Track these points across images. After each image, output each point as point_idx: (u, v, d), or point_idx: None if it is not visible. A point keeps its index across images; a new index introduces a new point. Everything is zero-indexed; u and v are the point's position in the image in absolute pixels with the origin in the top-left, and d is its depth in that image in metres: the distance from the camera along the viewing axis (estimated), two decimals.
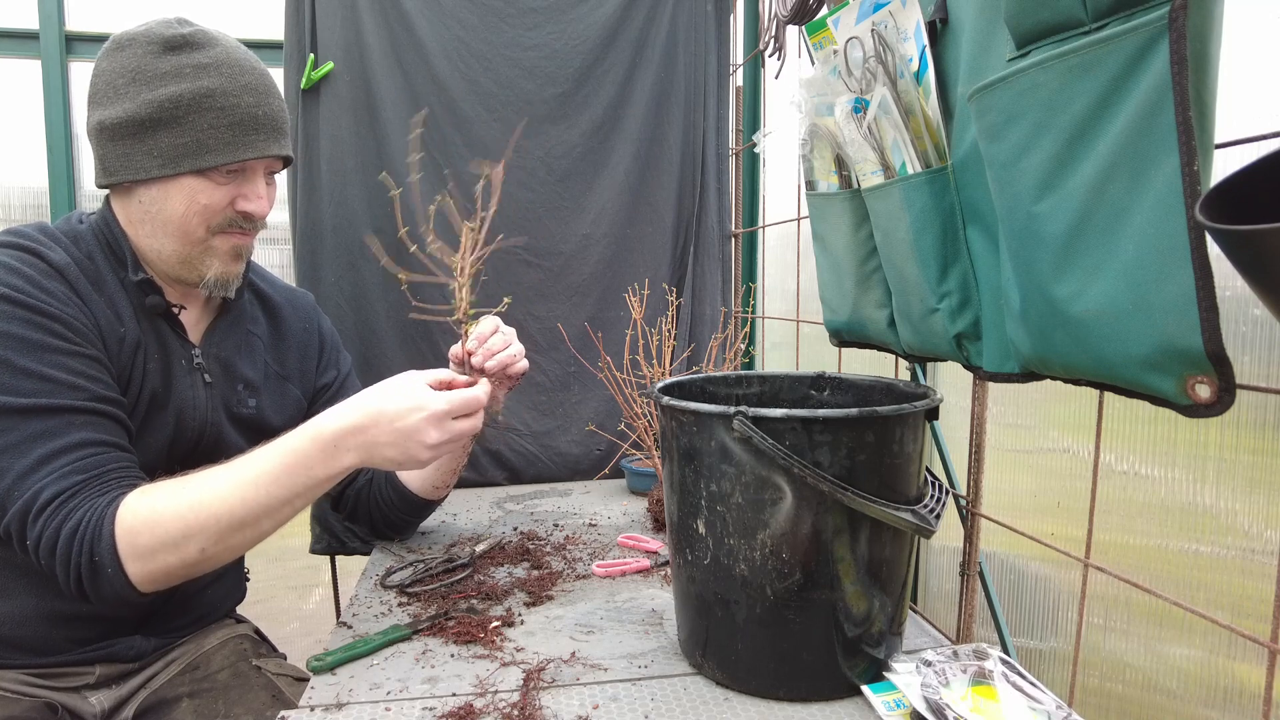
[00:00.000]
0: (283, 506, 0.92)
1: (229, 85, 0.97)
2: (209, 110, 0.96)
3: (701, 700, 0.84)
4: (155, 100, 0.95)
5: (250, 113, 0.98)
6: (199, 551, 0.89)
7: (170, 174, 0.96)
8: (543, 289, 1.81)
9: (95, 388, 0.92)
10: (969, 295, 0.89)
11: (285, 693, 1.06)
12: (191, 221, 0.99)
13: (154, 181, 0.97)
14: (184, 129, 0.95)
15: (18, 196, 1.79)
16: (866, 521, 0.80)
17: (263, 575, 1.39)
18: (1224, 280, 0.57)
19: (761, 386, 1.11)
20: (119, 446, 0.93)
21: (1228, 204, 0.49)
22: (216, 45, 0.99)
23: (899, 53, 0.91)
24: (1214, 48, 0.57)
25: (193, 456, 1.04)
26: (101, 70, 0.98)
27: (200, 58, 0.97)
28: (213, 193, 0.99)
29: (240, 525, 0.90)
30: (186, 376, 1.05)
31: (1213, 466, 0.96)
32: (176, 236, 1.00)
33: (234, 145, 0.98)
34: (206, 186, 0.98)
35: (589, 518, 1.51)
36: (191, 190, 0.98)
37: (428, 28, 1.70)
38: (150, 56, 0.96)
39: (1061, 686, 1.02)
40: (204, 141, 0.96)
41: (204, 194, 0.98)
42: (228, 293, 1.07)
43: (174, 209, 0.98)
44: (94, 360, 0.93)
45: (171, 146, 0.96)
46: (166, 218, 0.99)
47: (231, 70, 0.98)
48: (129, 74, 0.96)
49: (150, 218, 0.99)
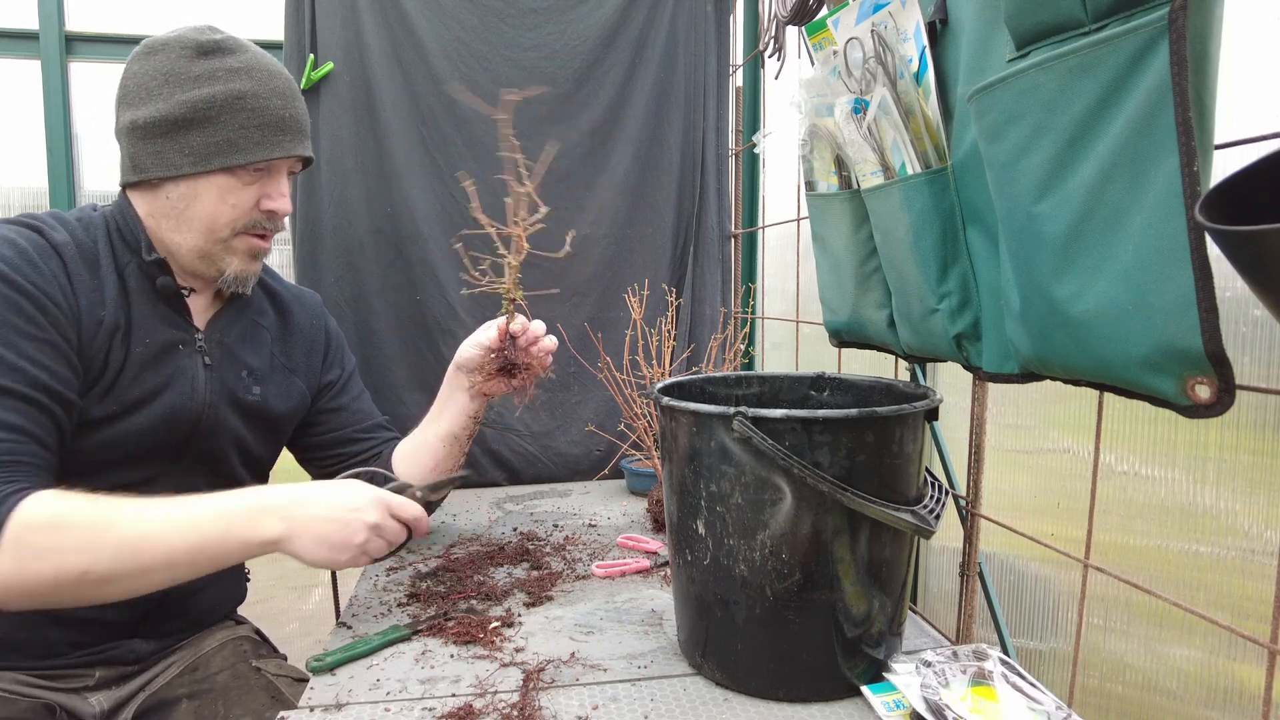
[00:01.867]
0: (186, 557, 0.85)
1: (259, 88, 1.02)
2: (241, 111, 1.00)
3: (701, 701, 0.84)
4: (189, 101, 0.99)
5: (279, 114, 1.03)
6: (80, 571, 0.81)
7: (202, 170, 1.00)
8: (542, 289, 1.81)
9: (38, 374, 0.89)
10: (969, 296, 0.89)
11: (285, 693, 1.06)
12: (220, 220, 1.02)
13: (184, 178, 1.01)
14: (217, 128, 1.00)
15: (18, 197, 1.79)
16: (866, 522, 0.80)
17: (263, 575, 1.39)
18: (1224, 281, 0.57)
19: (761, 387, 1.11)
20: (40, 441, 0.89)
21: (1228, 204, 0.49)
22: (247, 51, 1.04)
23: (899, 53, 0.91)
24: (1214, 48, 0.57)
25: (192, 437, 1.05)
26: (134, 72, 1.02)
27: (232, 62, 1.01)
28: (240, 192, 1.03)
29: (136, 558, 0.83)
30: (186, 359, 1.05)
31: (1213, 467, 0.95)
32: (201, 232, 1.02)
33: (264, 145, 1.02)
34: (235, 185, 1.02)
35: (589, 518, 1.51)
36: (220, 188, 1.01)
37: (428, 28, 1.70)
38: (184, 60, 1.00)
39: (1061, 687, 1.02)
40: (235, 140, 1.00)
41: (233, 193, 1.02)
42: (245, 289, 1.09)
43: (203, 206, 1.02)
44: (51, 346, 0.91)
45: (204, 145, 1.00)
46: (195, 214, 1.02)
47: (262, 75, 1.03)
48: (162, 76, 1.00)
49: (177, 213, 1.02)
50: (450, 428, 1.22)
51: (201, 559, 0.86)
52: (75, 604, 0.85)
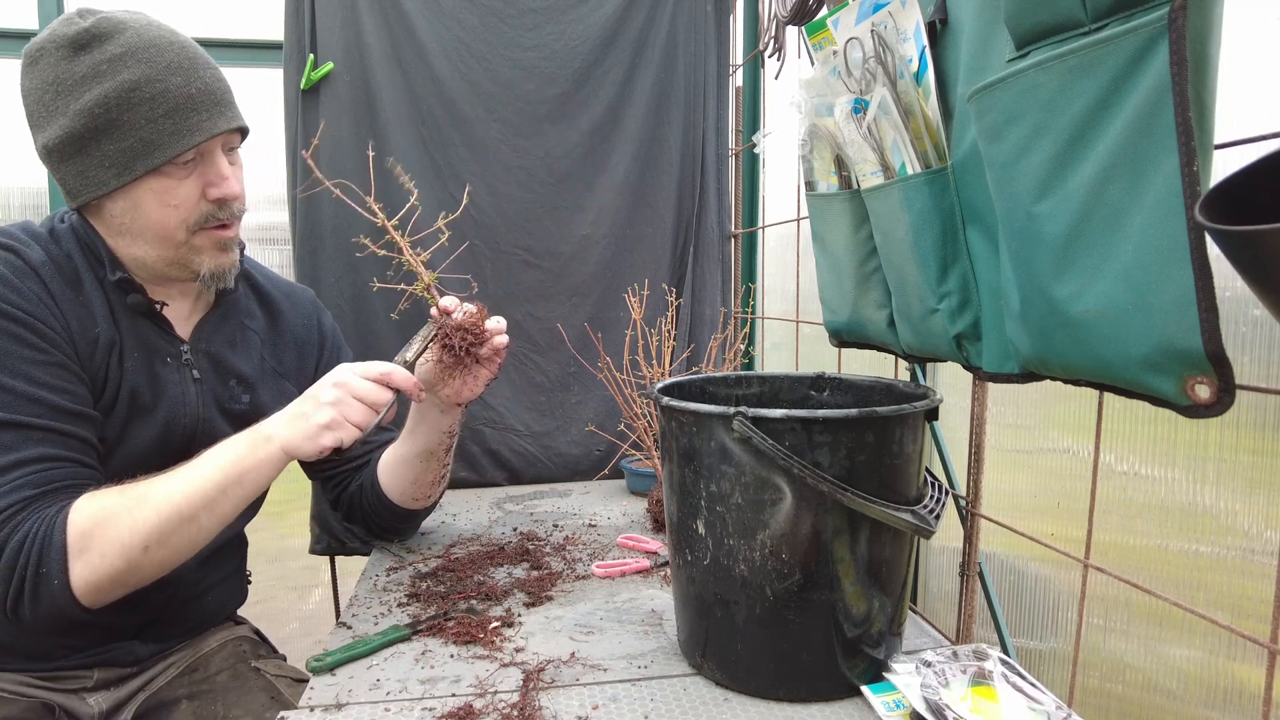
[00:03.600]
0: (218, 494, 0.91)
1: (150, 71, 0.91)
2: (139, 104, 0.90)
3: (701, 701, 0.84)
4: (84, 109, 0.90)
5: (182, 93, 0.92)
6: (143, 551, 0.87)
7: (129, 180, 0.92)
8: (542, 289, 1.81)
9: (56, 399, 0.90)
10: (969, 296, 0.89)
11: (285, 694, 1.06)
12: (169, 224, 0.96)
13: (116, 192, 0.94)
14: (125, 130, 0.91)
15: (18, 197, 1.79)
16: (866, 522, 0.80)
17: (262, 576, 1.39)
18: (1224, 280, 0.57)
19: (761, 387, 1.11)
20: (75, 461, 0.91)
21: (1227, 204, 0.49)
22: (125, 30, 0.92)
23: (899, 53, 0.91)
24: (1214, 48, 0.57)
25: (187, 453, 1.01)
26: (27, 90, 0.94)
27: (112, 49, 0.91)
28: (178, 188, 0.95)
29: (181, 519, 0.89)
30: (175, 373, 1.03)
31: (1213, 467, 0.95)
32: (157, 241, 0.97)
33: (179, 133, 0.92)
34: (169, 184, 0.94)
35: (589, 518, 1.51)
36: (157, 192, 0.94)
37: (428, 28, 1.70)
38: (63, 62, 0.91)
39: (1061, 687, 1.02)
40: (147, 138, 0.91)
41: (170, 193, 0.94)
42: (226, 283, 1.05)
43: (147, 215, 0.95)
44: (58, 367, 0.91)
45: (119, 152, 0.91)
46: (143, 225, 0.96)
47: (148, 54, 0.91)
48: (51, 88, 0.91)
49: (126, 228, 0.96)
50: (425, 444, 1.19)
51: (233, 492, 0.93)
52: (159, 575, 0.92)
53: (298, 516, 1.79)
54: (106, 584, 0.87)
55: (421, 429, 1.19)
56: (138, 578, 0.90)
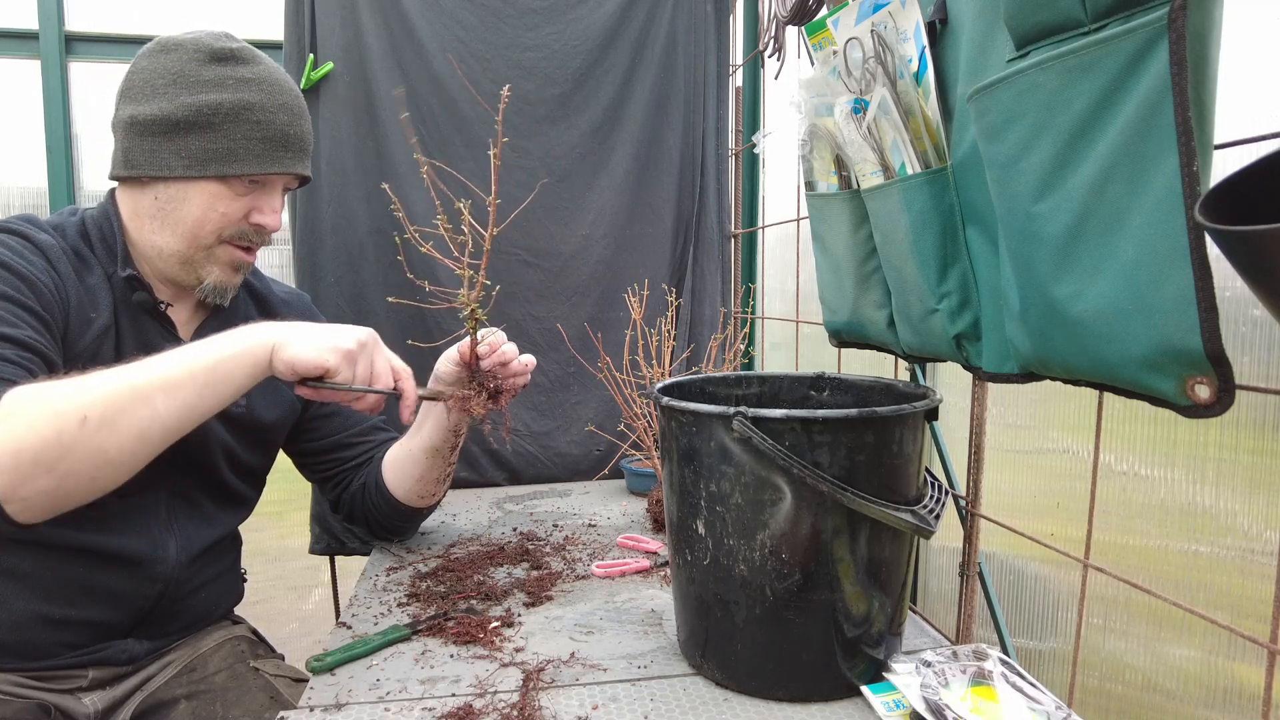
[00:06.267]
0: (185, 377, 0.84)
1: (268, 102, 1.01)
2: (245, 122, 1.00)
3: (701, 701, 0.84)
4: (194, 104, 0.98)
5: (283, 130, 1.03)
6: (79, 423, 0.76)
7: (195, 176, 0.99)
8: (542, 289, 1.81)
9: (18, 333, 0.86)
10: (968, 296, 0.89)
11: (284, 694, 1.06)
12: (205, 226, 1.01)
13: (174, 180, 1.00)
14: (217, 135, 0.99)
15: (17, 197, 1.79)
16: (866, 522, 0.80)
17: (261, 575, 1.39)
18: (1224, 280, 0.57)
19: (761, 387, 1.11)
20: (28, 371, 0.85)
21: (1227, 204, 0.49)
22: (260, 63, 1.04)
23: (898, 53, 0.91)
24: (1214, 48, 0.57)
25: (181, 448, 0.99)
26: (142, 68, 1.01)
27: (244, 72, 1.01)
28: (231, 201, 1.02)
29: (135, 396, 0.80)
30: None
31: (1212, 467, 0.95)
32: (185, 237, 1.01)
33: (263, 158, 1.01)
34: (226, 194, 1.01)
35: (588, 518, 1.51)
36: (211, 195, 1.01)
37: (428, 28, 1.70)
38: (195, 63, 0.99)
39: (1061, 687, 1.02)
40: (234, 150, 1.00)
41: (223, 201, 1.01)
42: (223, 301, 1.08)
43: (190, 210, 1.00)
44: (36, 315, 0.90)
45: (201, 150, 0.99)
46: (180, 217, 1.01)
47: (272, 88, 1.02)
48: (171, 76, 0.99)
49: (163, 214, 1.01)
50: (431, 440, 1.20)
51: (202, 378, 0.84)
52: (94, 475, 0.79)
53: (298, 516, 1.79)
54: (28, 462, 0.75)
55: (428, 425, 1.20)
56: (67, 465, 0.76)
